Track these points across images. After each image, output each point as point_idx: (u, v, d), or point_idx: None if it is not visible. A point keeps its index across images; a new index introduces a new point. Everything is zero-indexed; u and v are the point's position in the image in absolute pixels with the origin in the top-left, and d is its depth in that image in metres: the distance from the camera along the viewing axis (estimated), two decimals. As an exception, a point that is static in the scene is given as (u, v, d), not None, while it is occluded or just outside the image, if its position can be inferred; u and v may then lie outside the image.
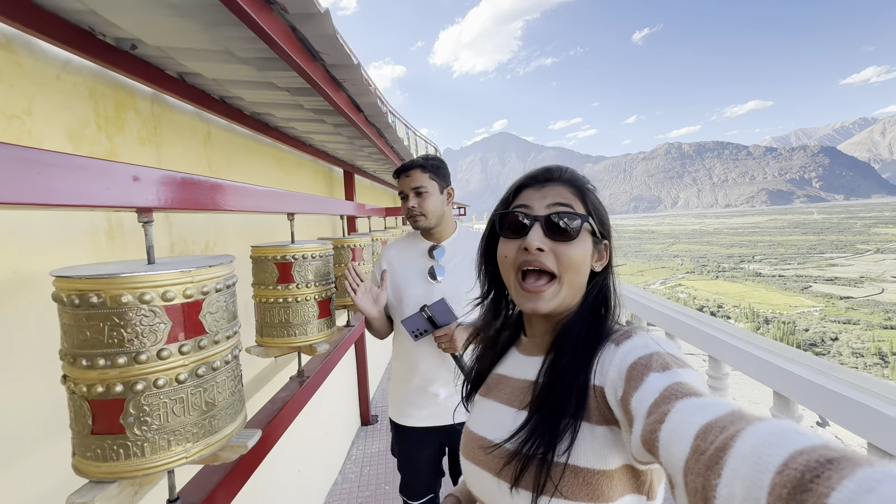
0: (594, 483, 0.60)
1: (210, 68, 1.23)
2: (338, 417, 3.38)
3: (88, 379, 0.70)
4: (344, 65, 1.10)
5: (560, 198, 0.71)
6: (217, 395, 0.82)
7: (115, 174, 0.70)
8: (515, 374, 0.77)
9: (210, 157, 1.88)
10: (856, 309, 65.35)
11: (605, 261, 0.74)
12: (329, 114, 1.69)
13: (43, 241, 1.09)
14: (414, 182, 1.53)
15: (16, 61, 1.07)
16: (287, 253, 1.47)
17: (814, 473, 0.30)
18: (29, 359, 1.02)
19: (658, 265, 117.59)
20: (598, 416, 0.61)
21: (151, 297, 0.71)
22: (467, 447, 0.76)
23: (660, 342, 0.62)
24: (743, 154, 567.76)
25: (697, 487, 0.39)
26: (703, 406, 0.45)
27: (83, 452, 0.72)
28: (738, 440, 0.37)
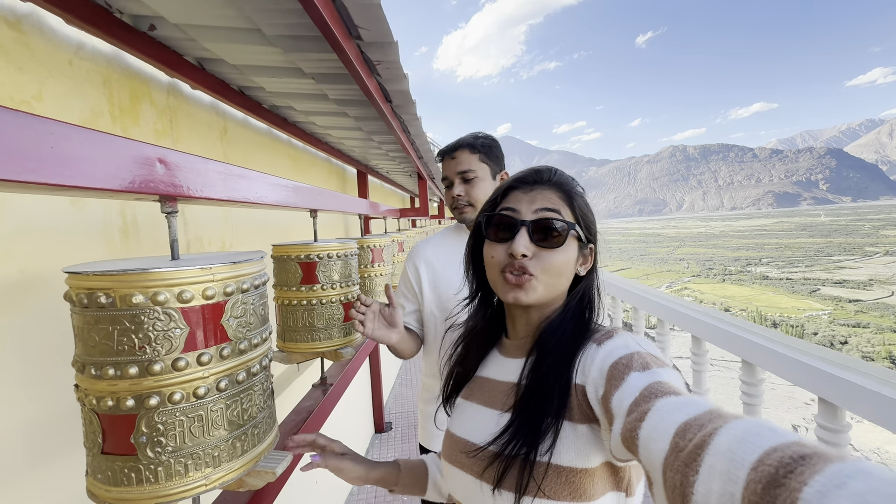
0: (576, 482, 0.61)
1: (233, 51, 1.14)
2: (352, 425, 3.27)
3: (98, 391, 0.60)
4: (381, 43, 1.00)
5: (548, 203, 0.71)
6: (243, 411, 0.72)
7: (140, 154, 0.61)
8: (497, 377, 0.77)
9: (226, 153, 1.79)
10: (865, 312, 64.56)
11: (589, 265, 0.75)
12: (353, 104, 1.60)
13: (53, 239, 1.00)
14: (461, 165, 1.27)
15: (25, 43, 0.99)
16: (311, 252, 1.37)
17: (787, 469, 0.31)
18: (33, 366, 0.92)
19: (664, 268, 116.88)
20: (579, 415, 0.62)
21: (166, 298, 0.61)
22: (449, 450, 0.76)
23: (641, 342, 0.63)
24: (748, 156, 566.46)
25: (676, 484, 0.39)
26: (683, 405, 0.46)
27: (94, 473, 0.63)
28: (715, 437, 0.38)
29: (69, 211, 1.05)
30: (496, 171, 1.31)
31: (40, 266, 0.95)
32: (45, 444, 0.93)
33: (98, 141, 0.55)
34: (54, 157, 0.49)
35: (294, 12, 0.88)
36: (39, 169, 0.47)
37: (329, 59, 1.13)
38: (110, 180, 0.56)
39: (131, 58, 1.26)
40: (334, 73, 1.28)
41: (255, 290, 0.78)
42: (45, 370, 0.93)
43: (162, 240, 1.36)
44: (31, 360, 0.91)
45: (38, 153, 0.47)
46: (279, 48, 1.10)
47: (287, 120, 2.01)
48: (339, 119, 1.91)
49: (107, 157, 0.56)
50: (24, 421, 0.89)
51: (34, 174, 0.46)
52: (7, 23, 0.94)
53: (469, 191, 1.27)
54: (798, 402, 23.96)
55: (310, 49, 1.09)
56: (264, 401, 0.79)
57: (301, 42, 1.06)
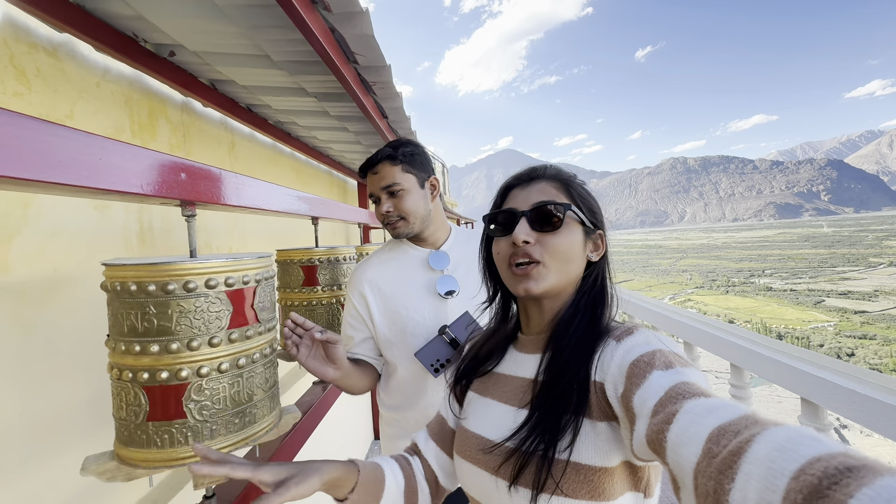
0: (595, 480, 0.59)
1: (244, 74, 1.27)
2: (352, 430, 3.34)
3: (143, 366, 0.71)
4: (376, 66, 1.12)
5: (543, 194, 0.71)
6: (270, 376, 0.89)
7: (167, 164, 0.72)
8: (514, 373, 0.75)
9: (234, 166, 1.92)
10: (871, 323, 63.97)
11: (601, 251, 0.74)
12: (352, 120, 1.72)
13: (81, 241, 1.11)
14: (384, 179, 1.17)
15: (60, 68, 1.12)
16: (313, 256, 1.48)
17: (832, 480, 0.30)
18: (62, 357, 1.03)
19: (666, 280, 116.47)
20: (598, 413, 0.61)
21: (216, 283, 0.73)
22: (463, 446, 0.74)
23: (662, 340, 0.61)
24: (749, 168, 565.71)
25: (709, 491, 0.38)
26: (714, 408, 0.44)
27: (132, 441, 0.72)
28: (753, 444, 0.36)
29: (95, 216, 1.17)
30: (423, 179, 1.22)
31: (70, 265, 1.06)
32: (78, 427, 1.03)
33: (134, 154, 0.66)
34: (104, 167, 0.60)
35: (299, 41, 1.00)
36: (93, 176, 0.58)
37: (329, 80, 1.26)
38: (144, 186, 0.67)
39: (150, 79, 1.39)
40: (334, 92, 1.40)
41: (268, 282, 0.90)
42: (81, 357, 1.03)
43: (174, 244, 1.47)
44: (65, 349, 1.02)
45: (92, 164, 0.58)
46: (285, 71, 1.22)
47: (291, 135, 2.14)
48: (339, 133, 2.04)
49: (141, 166, 0.67)
50: (61, 405, 0.99)
51: (88, 181, 0.58)
52: (46, 51, 1.07)
53: (398, 205, 1.18)
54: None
55: (312, 72, 1.21)
56: (275, 370, 0.94)
57: (304, 66, 1.18)
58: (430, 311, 1.21)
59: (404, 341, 1.21)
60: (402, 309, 1.21)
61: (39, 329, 0.97)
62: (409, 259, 1.27)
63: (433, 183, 1.25)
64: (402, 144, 1.19)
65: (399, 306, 1.21)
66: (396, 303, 1.22)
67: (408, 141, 1.23)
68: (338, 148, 2.43)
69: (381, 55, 1.05)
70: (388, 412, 1.34)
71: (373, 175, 1.19)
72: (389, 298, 1.23)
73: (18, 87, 1.00)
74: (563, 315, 0.71)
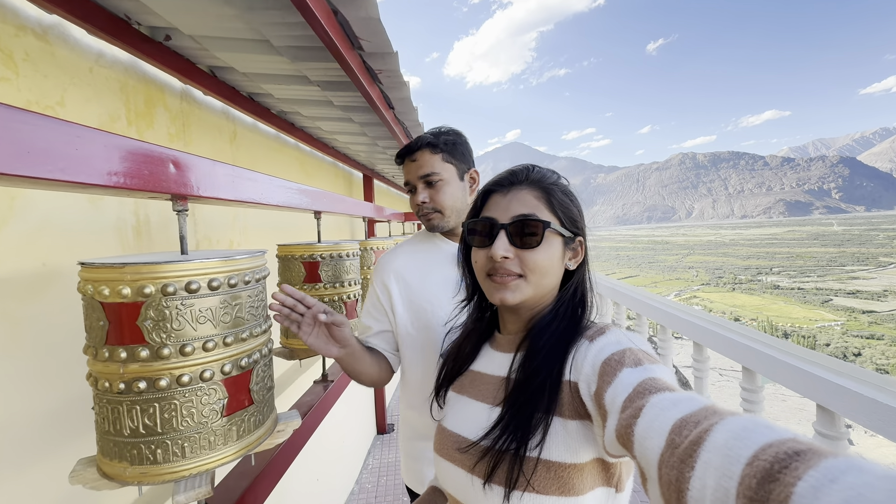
0: (565, 476, 0.61)
1: (243, 60, 1.21)
2: (354, 425, 3.31)
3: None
4: (381, 53, 1.06)
5: (523, 206, 0.71)
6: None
7: (154, 156, 0.66)
8: (488, 371, 0.78)
9: (236, 157, 1.86)
10: (879, 323, 63.30)
11: (579, 258, 0.74)
12: (357, 111, 1.66)
13: (73, 235, 1.06)
14: (422, 168, 1.10)
15: (50, 52, 1.06)
16: (315, 252, 1.43)
17: (782, 464, 0.32)
18: (54, 354, 0.98)
19: (672, 276, 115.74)
20: (570, 411, 0.63)
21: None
22: (441, 445, 0.76)
23: (633, 339, 0.63)
24: (759, 164, 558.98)
25: (671, 480, 0.40)
26: (678, 401, 0.46)
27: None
28: (711, 434, 0.39)
29: (88, 209, 1.12)
30: (463, 171, 1.15)
31: (60, 260, 1.01)
32: (64, 428, 0.99)
33: (117, 144, 0.61)
34: (80, 158, 0.54)
35: (299, 25, 0.94)
36: (68, 168, 0.52)
37: (333, 67, 1.19)
38: (127, 179, 0.62)
39: (147, 65, 1.33)
40: (338, 80, 1.33)
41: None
42: (70, 355, 0.99)
43: (174, 237, 1.42)
44: (52, 347, 0.97)
45: (67, 154, 0.53)
46: (286, 58, 1.16)
47: (294, 125, 2.08)
48: (344, 124, 1.97)
49: (125, 158, 0.62)
50: (44, 406, 0.95)
51: (63, 173, 0.52)
52: (35, 34, 1.02)
53: (434, 196, 1.12)
54: (809, 413, 23.50)
55: (315, 59, 1.15)
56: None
57: (306, 52, 1.12)
58: (453, 308, 1.11)
59: (427, 337, 1.15)
60: (427, 304, 1.15)
61: (26, 326, 0.93)
62: (440, 253, 1.20)
63: (473, 175, 1.18)
64: (443, 132, 1.13)
65: (424, 301, 1.15)
66: (421, 297, 1.16)
67: (450, 129, 1.15)
68: (343, 139, 2.37)
69: (388, 41, 0.99)
70: (406, 410, 1.29)
71: (410, 162, 1.13)
72: (415, 291, 1.17)
73: (5, 72, 0.95)
74: (540, 319, 0.72)
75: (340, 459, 2.93)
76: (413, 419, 1.26)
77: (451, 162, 1.13)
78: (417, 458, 1.26)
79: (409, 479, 1.32)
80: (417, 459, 1.27)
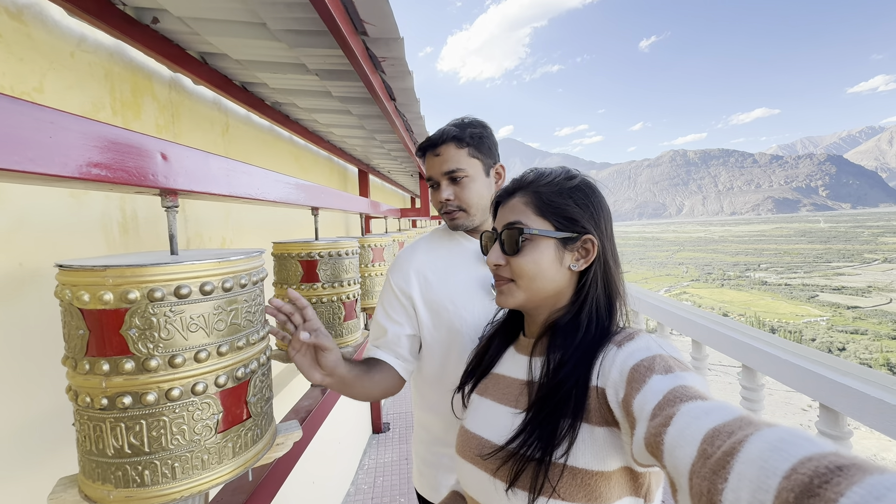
0: (592, 484, 0.60)
1: (237, 46, 1.13)
2: (349, 425, 3.25)
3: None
4: (387, 39, 0.99)
5: (512, 214, 0.74)
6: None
7: (141, 146, 0.60)
8: (511, 374, 0.78)
9: (228, 150, 1.78)
10: (863, 319, 64.59)
11: (590, 257, 0.72)
12: (356, 102, 1.59)
13: (53, 233, 0.99)
14: (447, 163, 1.03)
15: (27, 33, 0.98)
16: (312, 250, 1.36)
17: (823, 479, 0.30)
18: (33, 360, 0.91)
19: (662, 272, 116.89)
20: (598, 418, 0.62)
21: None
22: (463, 447, 0.75)
23: (662, 345, 0.62)
24: (748, 162, 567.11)
25: (703, 491, 0.39)
26: (710, 410, 0.45)
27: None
28: (746, 445, 0.37)
29: (69, 205, 1.04)
30: (489, 166, 1.08)
31: (39, 259, 0.94)
32: (44, 442, 0.91)
33: (98, 132, 0.54)
34: (54, 146, 0.47)
35: (300, 6, 0.87)
36: (38, 159, 0.46)
37: (334, 54, 1.12)
38: (110, 173, 0.55)
39: (134, 51, 1.25)
40: (339, 69, 1.26)
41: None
42: (50, 362, 0.92)
43: (163, 235, 1.34)
44: (30, 355, 0.90)
45: (38, 142, 0.46)
46: (284, 43, 1.09)
47: (289, 117, 2.00)
48: (341, 117, 1.90)
49: (107, 148, 0.55)
50: (20, 419, 0.88)
51: (33, 164, 0.45)
52: (8, 13, 0.93)
53: (459, 193, 1.05)
54: (795, 407, 23.96)
55: (315, 44, 1.07)
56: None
57: (306, 37, 1.05)
58: (480, 309, 1.06)
59: (449, 339, 1.07)
60: (450, 304, 1.07)
61: (0, 332, 0.86)
62: (461, 250, 1.14)
63: (499, 171, 1.12)
64: (469, 124, 1.05)
65: (446, 300, 1.08)
66: (444, 296, 1.08)
67: (474, 120, 1.08)
68: (339, 133, 2.29)
69: (395, 25, 0.92)
70: (423, 414, 1.22)
71: (434, 157, 1.06)
72: (437, 291, 1.09)
73: (-25, 54, 0.87)
74: (557, 321, 0.72)
75: (336, 460, 2.87)
76: (431, 423, 1.18)
77: (478, 157, 1.05)
78: (434, 464, 1.19)
79: (422, 485, 1.25)
80: (433, 466, 1.19)
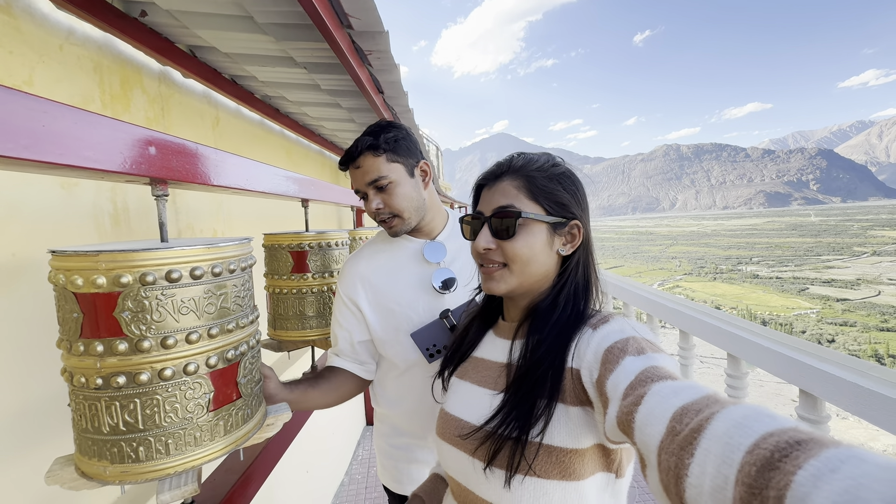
0: (566, 461, 0.62)
1: (225, 39, 1.15)
2: (343, 416, 3.29)
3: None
4: (372, 32, 1.01)
5: (503, 198, 0.73)
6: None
7: (132, 136, 0.62)
8: (490, 357, 0.79)
9: (218, 144, 1.79)
10: (852, 311, 65.56)
11: (576, 242, 0.74)
12: (345, 95, 1.61)
13: (44, 223, 1.01)
14: (369, 174, 1.03)
15: (15, 26, 0.99)
16: (303, 241, 1.38)
17: (782, 453, 0.32)
18: (26, 348, 0.93)
19: (656, 266, 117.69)
20: (572, 398, 0.64)
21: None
22: (443, 429, 0.77)
23: (636, 327, 0.64)
24: (741, 156, 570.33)
25: (671, 466, 0.40)
26: (679, 389, 0.47)
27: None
28: (712, 421, 0.39)
29: (61, 195, 1.06)
30: (412, 166, 1.08)
31: (32, 249, 0.95)
32: (40, 425, 0.94)
33: (90, 121, 0.56)
34: (47, 135, 0.50)
35: (285, 0, 0.89)
36: (32, 146, 0.48)
37: (320, 48, 1.14)
38: (101, 161, 0.57)
39: (123, 44, 1.26)
40: (326, 62, 1.28)
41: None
42: (45, 351, 0.94)
43: (153, 226, 1.36)
44: (25, 341, 0.92)
45: (32, 131, 0.48)
46: (271, 36, 1.10)
47: (280, 111, 2.01)
48: (331, 110, 1.92)
49: (98, 137, 0.57)
50: (17, 403, 0.90)
51: (27, 151, 0.48)
52: (-3, 6, 0.95)
53: (388, 200, 1.05)
54: (786, 398, 24.35)
55: (301, 38, 1.09)
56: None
57: (292, 30, 1.06)
58: (425, 308, 1.10)
59: (397, 340, 1.11)
60: (396, 305, 1.11)
61: (-4, 320, 0.88)
62: (402, 250, 1.17)
63: (424, 168, 1.11)
64: (382, 129, 1.05)
65: (392, 302, 1.12)
66: (389, 298, 1.12)
67: (388, 124, 1.07)
68: (330, 126, 2.31)
69: (379, 18, 0.94)
70: (382, 409, 1.27)
71: (355, 169, 1.06)
72: (382, 294, 1.13)
73: (-36, 47, 0.89)
74: (538, 305, 0.73)
75: (330, 451, 2.91)
76: (390, 416, 1.24)
77: (397, 160, 1.05)
78: (394, 456, 1.26)
79: (386, 478, 1.31)
80: (393, 458, 1.26)
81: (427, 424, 1.15)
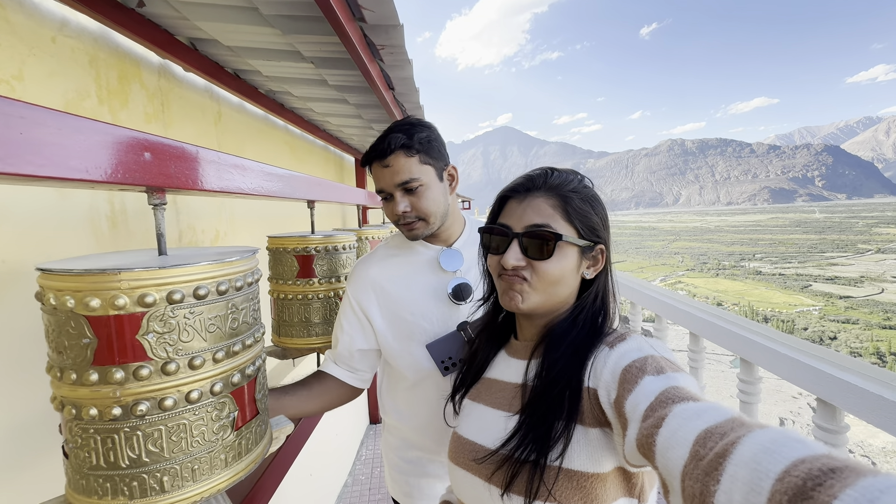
0: (588, 487, 0.59)
1: (228, 31, 1.08)
2: (346, 416, 3.25)
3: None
4: (385, 26, 0.95)
5: (537, 215, 0.69)
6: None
7: (124, 141, 0.56)
8: (504, 377, 0.76)
9: (220, 140, 1.73)
10: (855, 308, 65.37)
11: (599, 266, 0.72)
12: (354, 91, 1.54)
13: (37, 228, 0.95)
14: (399, 174, 0.96)
15: (4, 17, 0.93)
16: (308, 244, 1.32)
17: (816, 482, 0.30)
18: (15, 363, 0.88)
19: (658, 262, 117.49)
20: (591, 419, 0.61)
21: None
22: (456, 453, 0.74)
23: (654, 346, 0.62)
24: (746, 152, 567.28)
25: (695, 493, 0.38)
26: (702, 411, 0.45)
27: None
28: (738, 447, 0.37)
29: (54, 199, 1.00)
30: (441, 169, 1.02)
31: (23, 257, 0.90)
32: (29, 443, 0.89)
33: (76, 126, 0.50)
34: (25, 144, 0.44)
35: (292, -10, 0.82)
36: (7, 157, 0.42)
37: (330, 41, 1.07)
38: (90, 170, 0.51)
39: (120, 37, 1.19)
40: (335, 57, 1.21)
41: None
42: (36, 366, 0.89)
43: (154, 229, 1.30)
44: (14, 358, 0.87)
45: (7, 139, 0.42)
46: (277, 29, 1.04)
47: (284, 106, 1.94)
48: (338, 106, 1.85)
49: (86, 144, 0.51)
50: (7, 423, 0.85)
51: (1, 163, 0.41)
52: (-18, -5, 0.88)
53: (416, 204, 0.98)
54: (785, 395, 24.33)
55: (309, 31, 1.02)
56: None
57: (300, 23, 1.00)
58: (439, 318, 1.05)
59: (409, 350, 1.07)
60: (409, 314, 1.06)
61: (-16, 333, 0.82)
62: (417, 257, 1.11)
63: (451, 172, 1.06)
64: (414, 128, 0.97)
65: (405, 311, 1.07)
66: (402, 307, 1.07)
67: (419, 122, 1.00)
68: (336, 122, 2.24)
69: (395, 11, 0.87)
70: (391, 420, 1.22)
71: (382, 168, 0.98)
72: (395, 302, 1.08)
73: (-52, 39, 0.82)
74: (556, 326, 0.71)
75: (333, 452, 2.87)
76: (403, 430, 1.19)
77: (430, 163, 0.99)
78: (404, 470, 1.21)
79: (395, 491, 1.27)
80: (404, 472, 1.22)
81: (440, 439, 1.10)
